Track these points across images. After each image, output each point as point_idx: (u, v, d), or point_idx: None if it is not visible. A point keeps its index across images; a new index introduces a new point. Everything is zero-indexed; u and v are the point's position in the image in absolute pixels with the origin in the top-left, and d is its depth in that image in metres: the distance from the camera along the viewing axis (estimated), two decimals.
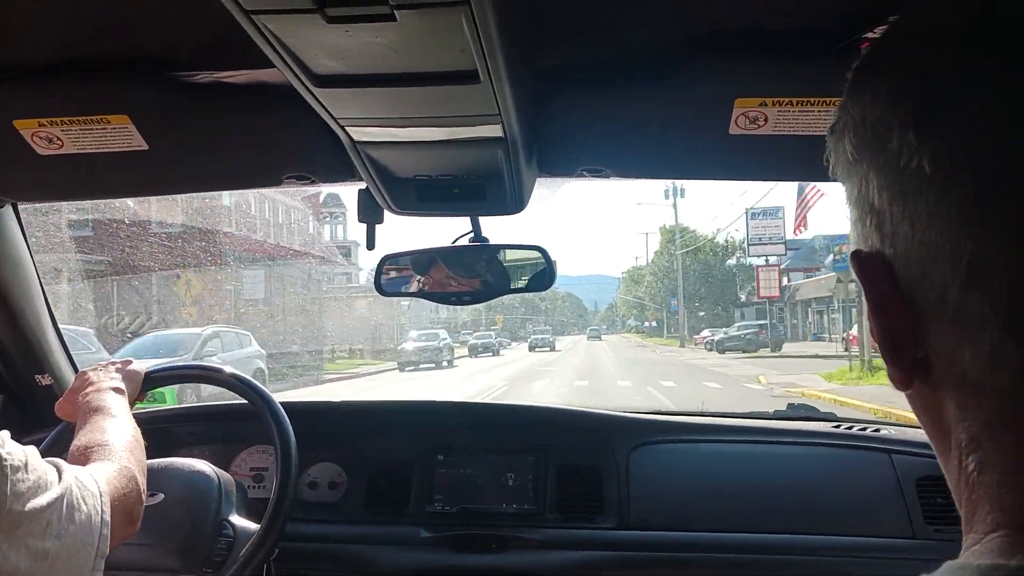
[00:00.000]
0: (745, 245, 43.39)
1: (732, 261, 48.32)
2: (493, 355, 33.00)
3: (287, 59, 0.86)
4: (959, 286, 0.40)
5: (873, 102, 0.46)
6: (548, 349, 37.60)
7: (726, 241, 48.18)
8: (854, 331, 23.80)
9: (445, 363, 25.10)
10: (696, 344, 37.84)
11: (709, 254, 47.94)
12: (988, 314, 0.39)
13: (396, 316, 36.65)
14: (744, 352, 29.27)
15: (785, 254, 37.47)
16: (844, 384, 14.77)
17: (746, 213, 35.43)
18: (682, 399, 12.89)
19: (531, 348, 39.66)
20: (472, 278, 1.60)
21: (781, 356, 26.66)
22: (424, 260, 1.61)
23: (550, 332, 44.04)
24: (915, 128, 0.42)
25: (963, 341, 0.41)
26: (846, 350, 23.23)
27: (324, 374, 19.73)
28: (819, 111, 1.12)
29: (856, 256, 0.47)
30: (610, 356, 31.75)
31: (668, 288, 49.75)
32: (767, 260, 36.73)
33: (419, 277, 1.62)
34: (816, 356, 23.57)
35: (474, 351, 33.19)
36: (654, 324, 58.83)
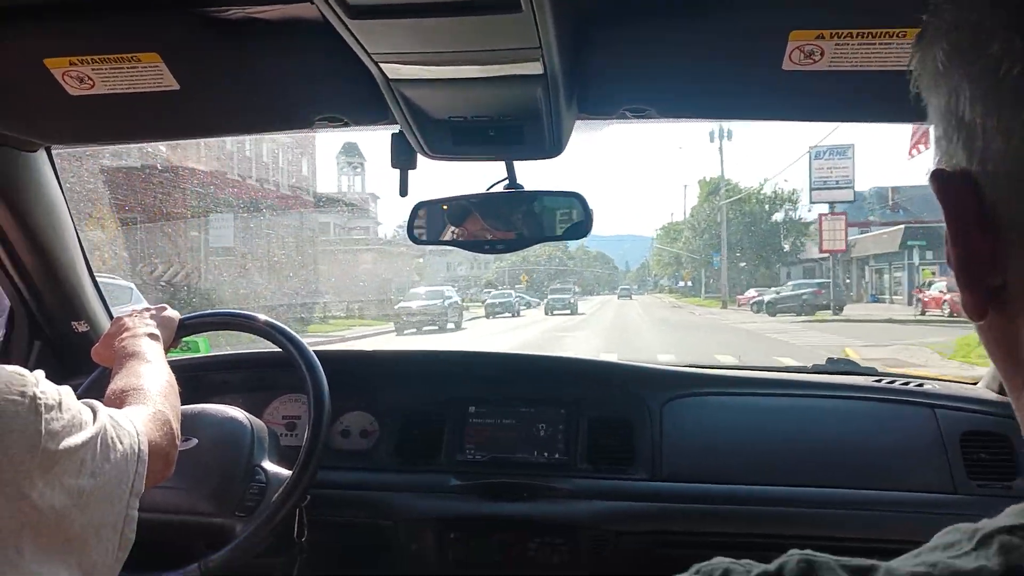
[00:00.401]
0: (795, 196, 41.06)
1: (779, 215, 43.27)
2: (512, 316, 30.36)
3: None
4: None
5: (971, 4, 0.42)
6: (569, 312, 32.44)
7: (774, 192, 43.13)
8: (933, 291, 22.27)
9: (452, 325, 22.00)
10: (740, 305, 33.92)
11: (755, 205, 42.85)
12: None
13: (407, 273, 34.90)
14: (799, 315, 25.45)
15: (853, 200, 33.53)
16: (974, 362, 9.61)
17: (809, 153, 32.17)
18: None
19: (547, 311, 33.48)
20: (507, 226, 1.57)
21: (844, 320, 23.17)
22: (458, 207, 1.58)
23: (571, 292, 39.39)
24: (1021, 31, 0.38)
25: None
26: (922, 313, 21.86)
27: (304, 336, 18.39)
28: (880, 44, 1.06)
29: (938, 175, 0.44)
30: (644, 319, 28.04)
31: (708, 244, 44.82)
32: (832, 208, 32.18)
33: (452, 224, 1.59)
34: (891, 320, 20.84)
35: (491, 311, 30.76)
36: (689, 284, 53.45)
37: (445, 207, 1.58)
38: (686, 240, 49.98)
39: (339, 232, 29.89)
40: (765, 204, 43.27)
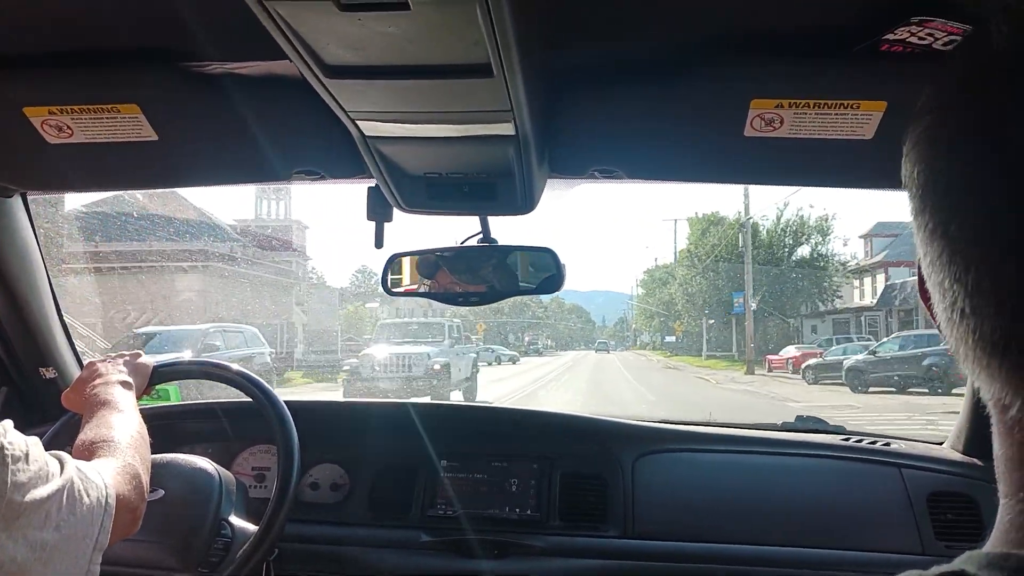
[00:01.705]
0: (826, 226, 32.52)
1: (804, 250, 33.42)
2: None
3: (299, 49, 0.86)
4: None
5: None
6: (510, 362, 29.97)
7: (798, 218, 33.42)
8: None
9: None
10: (774, 368, 24.49)
11: (773, 236, 33.10)
12: None
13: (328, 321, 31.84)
14: (904, 390, 15.97)
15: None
16: None
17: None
18: None
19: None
20: (479, 279, 1.59)
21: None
22: (431, 260, 1.60)
23: (532, 345, 36.03)
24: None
25: None
26: None
27: None
28: (836, 114, 1.11)
29: None
30: (632, 387, 20.45)
31: (713, 284, 34.22)
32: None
33: (425, 276, 1.61)
34: None
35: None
36: (680, 338, 43.23)
37: (417, 259, 1.60)
38: (682, 281, 38.03)
39: (246, 264, 25.63)
40: (786, 236, 33.42)
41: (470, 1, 0.75)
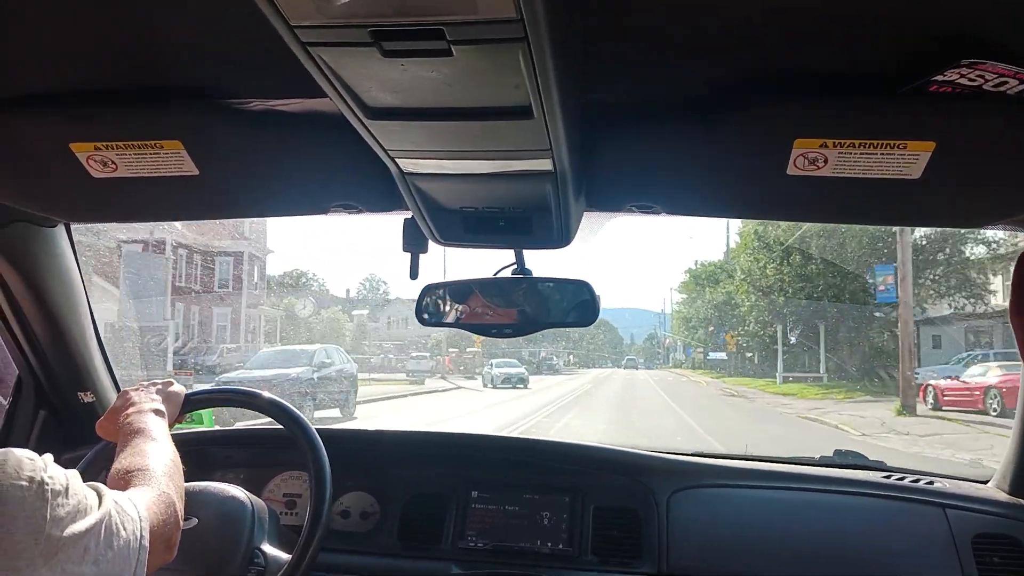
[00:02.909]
0: None
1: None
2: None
3: (341, 91, 0.86)
4: None
5: None
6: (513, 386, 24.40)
7: None
8: None
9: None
10: (948, 401, 15.34)
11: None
12: None
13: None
14: None
15: None
16: None
17: None
18: None
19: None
20: (512, 310, 1.58)
21: None
22: (464, 291, 1.60)
23: (517, 364, 28.59)
24: None
25: None
26: None
27: None
28: (881, 154, 1.09)
29: None
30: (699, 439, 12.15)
31: (793, 276, 23.98)
32: None
33: (459, 308, 1.61)
34: None
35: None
36: (729, 354, 33.19)
37: (450, 290, 1.60)
38: (750, 268, 26.68)
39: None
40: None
41: (512, 47, 0.75)
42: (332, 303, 38.61)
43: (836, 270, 23.51)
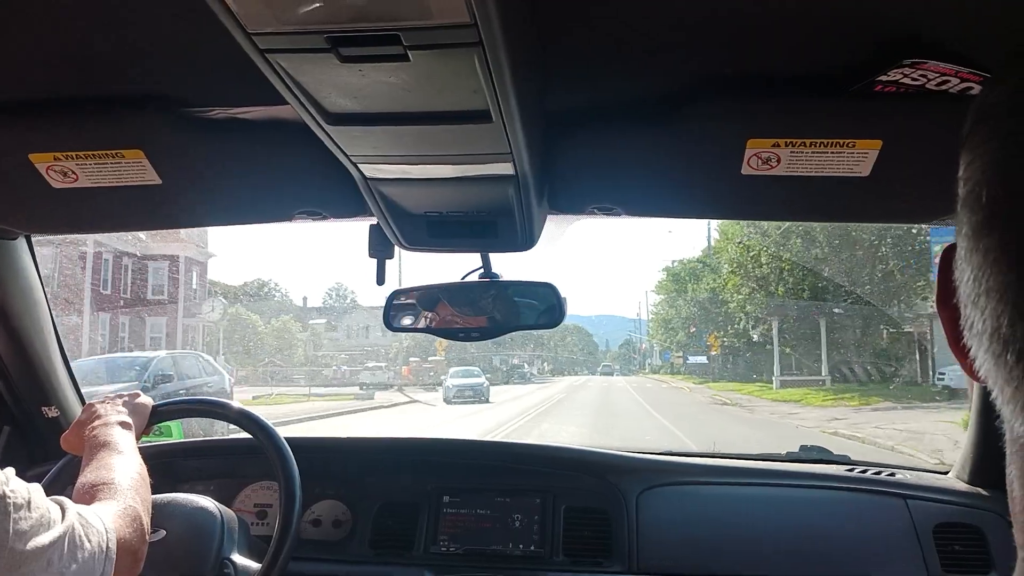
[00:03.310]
0: None
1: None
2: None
3: (300, 97, 0.87)
4: None
5: None
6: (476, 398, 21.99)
7: None
8: None
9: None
10: None
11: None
12: None
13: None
14: None
15: None
16: None
17: None
18: None
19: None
20: (479, 314, 1.60)
21: None
22: (431, 296, 1.61)
23: (478, 373, 25.53)
24: None
25: None
26: None
27: None
28: (832, 152, 1.12)
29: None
30: None
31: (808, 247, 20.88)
32: None
33: (427, 313, 1.62)
34: None
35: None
36: (712, 358, 31.21)
37: (417, 295, 1.60)
38: (740, 258, 24.30)
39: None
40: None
41: (468, 52, 0.77)
42: (289, 312, 36.29)
43: (848, 256, 20.62)
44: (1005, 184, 0.41)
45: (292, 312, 36.95)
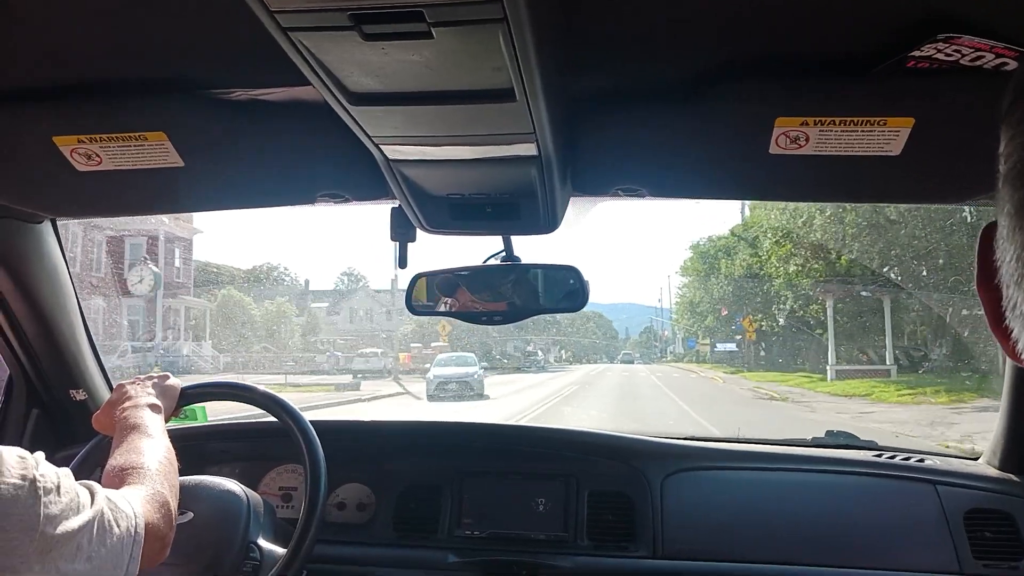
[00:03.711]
0: None
1: None
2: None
3: (323, 77, 0.87)
4: None
5: None
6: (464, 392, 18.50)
7: None
8: None
9: None
10: None
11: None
12: None
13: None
14: None
15: None
16: None
17: None
18: None
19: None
20: (501, 298, 1.59)
21: None
22: (453, 280, 1.60)
23: (471, 361, 21.88)
24: None
25: None
26: None
27: None
28: (862, 131, 1.10)
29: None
30: None
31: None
32: None
33: (449, 297, 1.61)
34: None
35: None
36: (744, 345, 27.95)
37: (440, 279, 1.60)
38: (788, 225, 19.90)
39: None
40: None
41: (492, 28, 0.75)
42: (285, 295, 33.17)
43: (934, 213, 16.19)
44: None
45: (290, 295, 34.30)
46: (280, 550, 1.48)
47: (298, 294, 36.04)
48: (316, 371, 26.28)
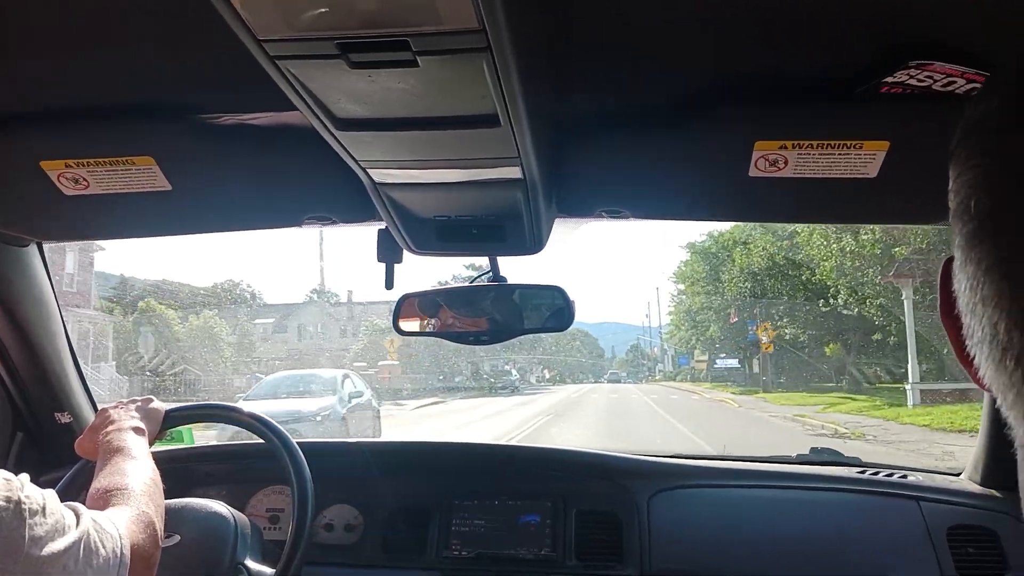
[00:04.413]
0: None
1: None
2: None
3: (310, 103, 0.88)
4: None
5: None
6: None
7: None
8: None
9: None
10: None
11: None
12: None
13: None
14: None
15: None
16: None
17: None
18: None
19: None
20: (487, 318, 1.60)
21: None
22: (439, 300, 1.62)
23: (331, 385, 14.02)
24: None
25: None
26: None
27: None
28: (839, 154, 1.12)
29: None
30: None
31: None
32: None
33: (435, 316, 1.62)
34: None
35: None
36: (733, 364, 25.64)
37: (426, 299, 1.61)
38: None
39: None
40: None
41: (476, 57, 0.77)
42: (215, 308, 29.64)
43: None
44: (992, 195, 0.42)
45: (220, 308, 30.54)
46: (268, 571, 1.47)
47: (238, 309, 32.55)
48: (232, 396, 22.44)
